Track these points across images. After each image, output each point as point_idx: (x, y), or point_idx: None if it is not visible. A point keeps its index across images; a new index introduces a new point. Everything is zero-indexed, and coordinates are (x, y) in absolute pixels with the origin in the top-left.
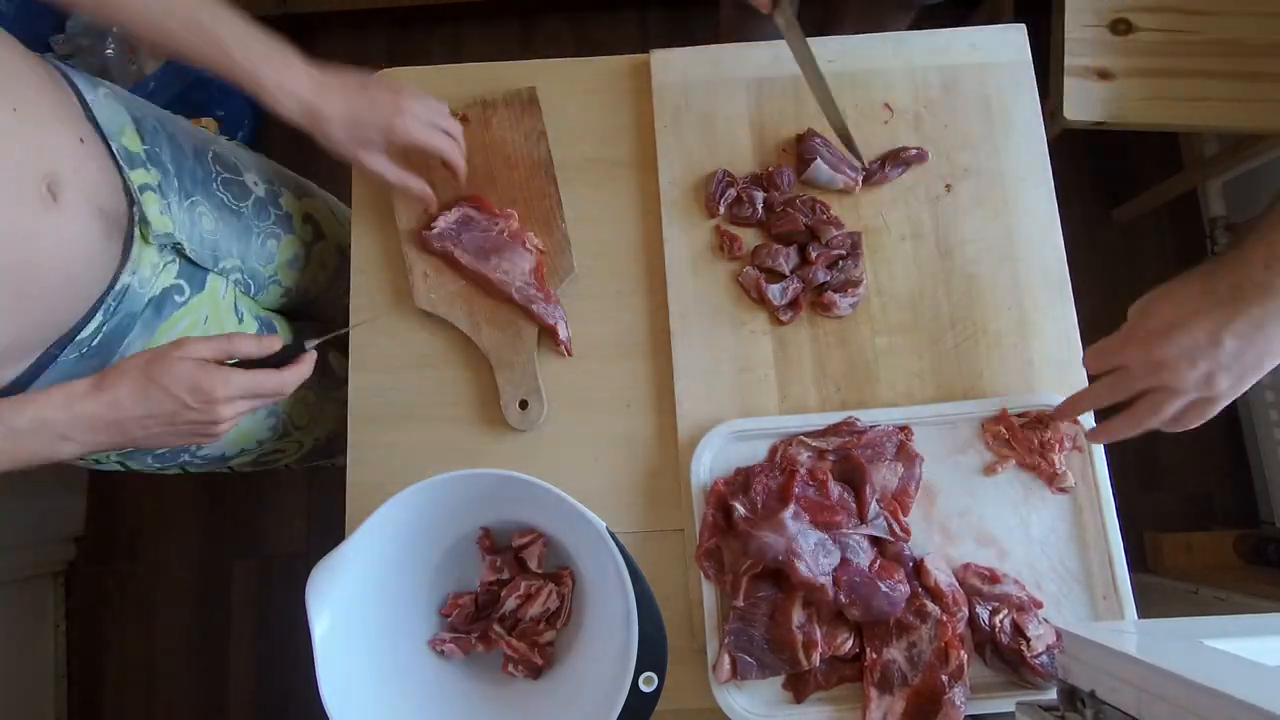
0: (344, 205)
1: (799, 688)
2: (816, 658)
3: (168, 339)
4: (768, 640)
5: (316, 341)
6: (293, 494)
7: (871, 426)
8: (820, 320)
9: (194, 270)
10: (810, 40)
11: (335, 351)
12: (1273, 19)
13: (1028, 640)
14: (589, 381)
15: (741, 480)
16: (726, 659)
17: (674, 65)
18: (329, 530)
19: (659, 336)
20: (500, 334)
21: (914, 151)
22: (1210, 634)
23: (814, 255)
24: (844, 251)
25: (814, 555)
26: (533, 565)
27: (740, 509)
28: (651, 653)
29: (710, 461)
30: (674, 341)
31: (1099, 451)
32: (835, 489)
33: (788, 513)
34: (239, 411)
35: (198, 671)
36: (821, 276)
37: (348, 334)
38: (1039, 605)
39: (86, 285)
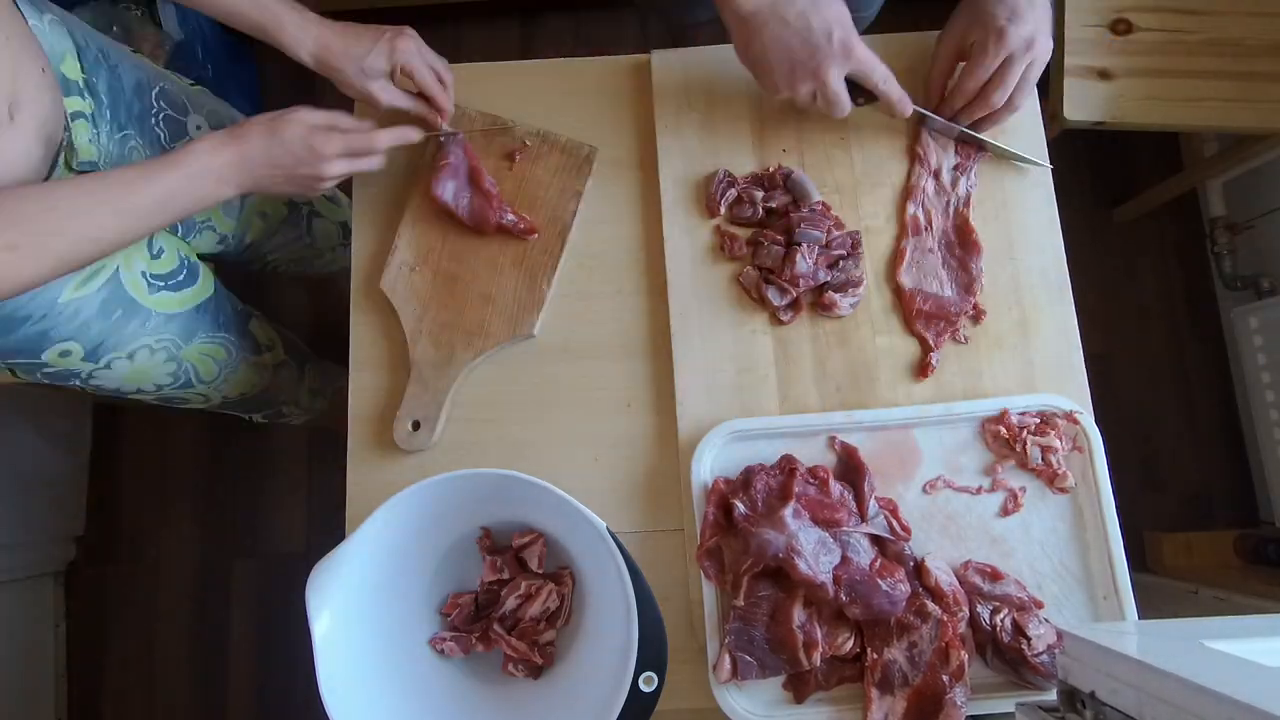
0: None
1: (799, 688)
2: (817, 658)
3: None
4: (768, 640)
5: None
6: (293, 494)
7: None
8: (820, 320)
9: None
10: None
11: (257, 320)
12: (1273, 19)
13: (1028, 639)
14: (589, 381)
15: (742, 478)
16: (727, 659)
17: (674, 65)
18: (329, 530)
19: (659, 336)
20: (434, 351)
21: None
22: (1211, 635)
23: (815, 255)
24: (844, 251)
25: (814, 554)
26: (533, 565)
27: (740, 507)
28: (651, 653)
29: (710, 461)
30: (674, 341)
31: (1099, 451)
32: (836, 487)
33: (788, 510)
34: (341, 171)
35: (198, 671)
36: (821, 276)
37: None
38: (1040, 605)
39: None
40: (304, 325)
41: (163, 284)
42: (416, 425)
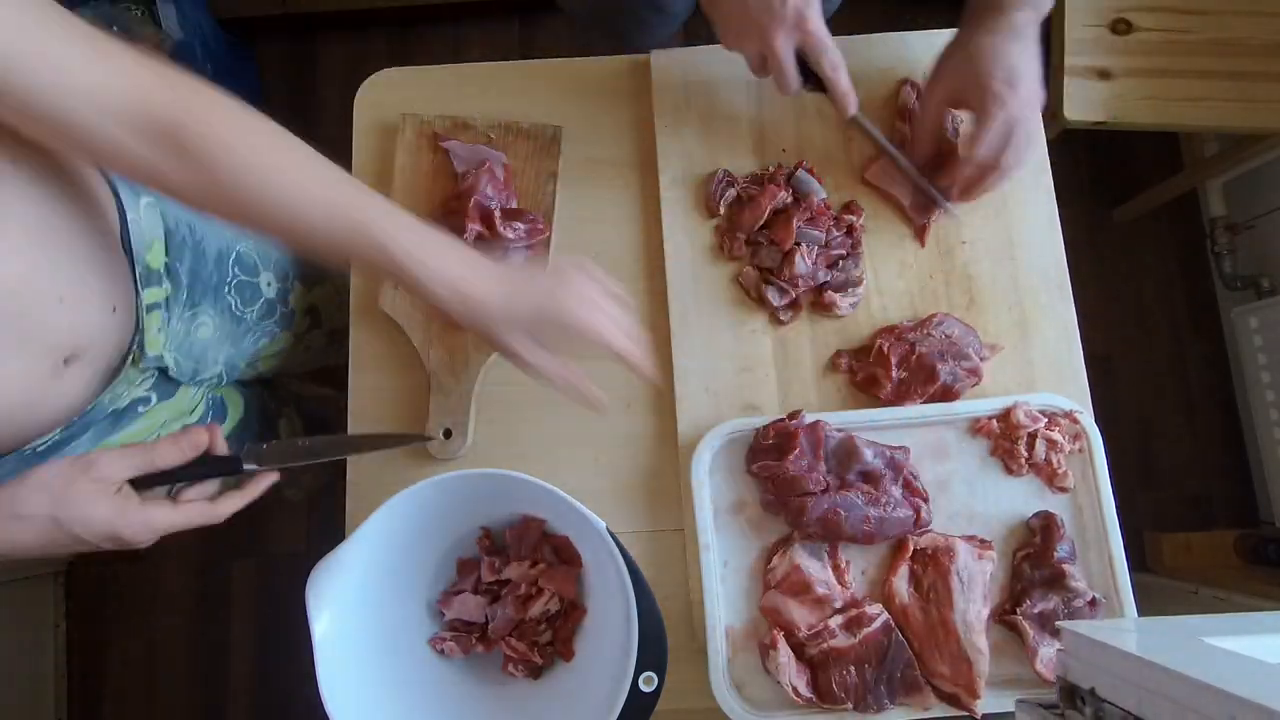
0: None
1: None
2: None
3: (115, 442)
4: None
5: (258, 468)
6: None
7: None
8: (820, 320)
9: (167, 382)
10: None
11: (286, 421)
12: (1273, 19)
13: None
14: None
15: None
16: None
17: (674, 65)
18: (329, 530)
19: (659, 337)
20: (448, 357)
21: None
22: (1210, 632)
23: (814, 255)
24: (844, 251)
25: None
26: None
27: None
28: (651, 653)
29: (710, 461)
30: (674, 342)
31: (1099, 451)
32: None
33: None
34: (154, 537)
35: (198, 671)
36: (821, 276)
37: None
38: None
39: (58, 416)
40: None
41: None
42: (448, 433)
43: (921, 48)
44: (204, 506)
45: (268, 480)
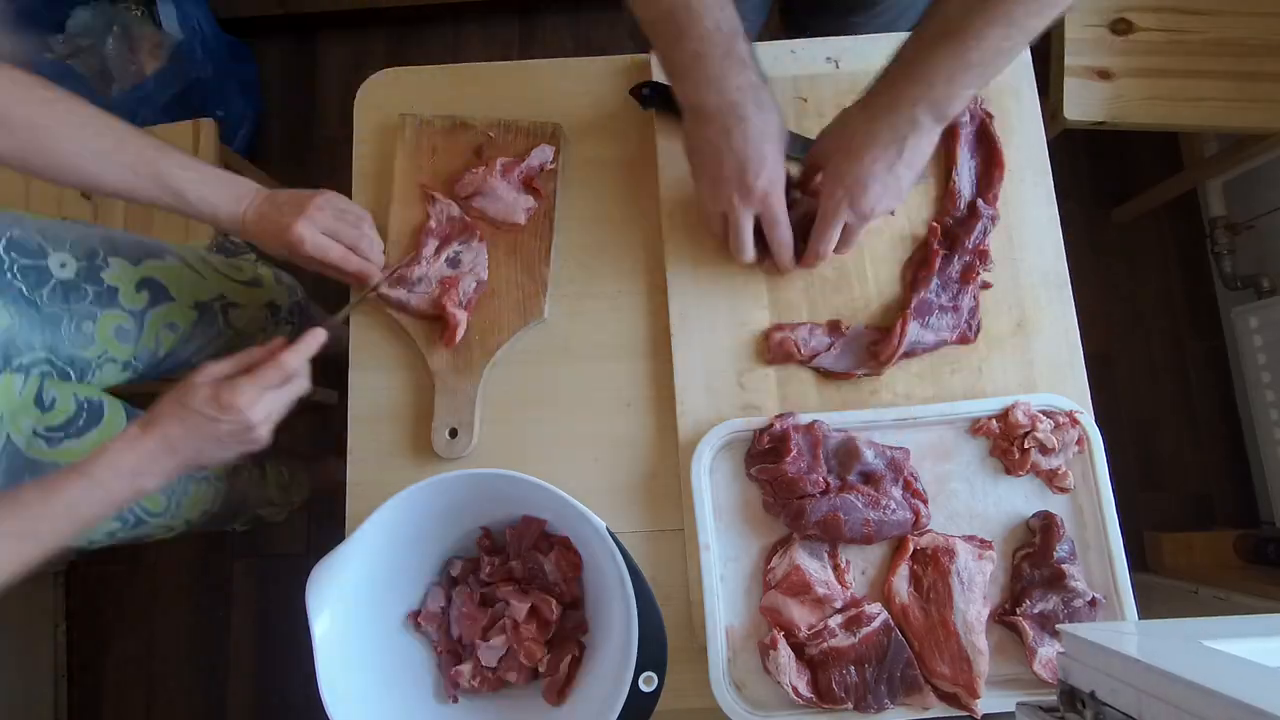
0: (215, 256)
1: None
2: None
3: None
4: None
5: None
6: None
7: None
8: None
9: None
10: (812, 40)
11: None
12: (1273, 19)
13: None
14: (589, 381)
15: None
16: None
17: None
18: (329, 530)
19: (659, 336)
20: (452, 357)
21: None
22: (1211, 635)
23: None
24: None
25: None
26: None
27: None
28: (651, 653)
29: (710, 461)
30: (674, 341)
31: (1099, 451)
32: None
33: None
34: (268, 411)
35: (198, 671)
36: None
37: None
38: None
39: None
40: None
41: (63, 434)
42: (454, 432)
43: None
44: (273, 366)
45: (312, 336)
